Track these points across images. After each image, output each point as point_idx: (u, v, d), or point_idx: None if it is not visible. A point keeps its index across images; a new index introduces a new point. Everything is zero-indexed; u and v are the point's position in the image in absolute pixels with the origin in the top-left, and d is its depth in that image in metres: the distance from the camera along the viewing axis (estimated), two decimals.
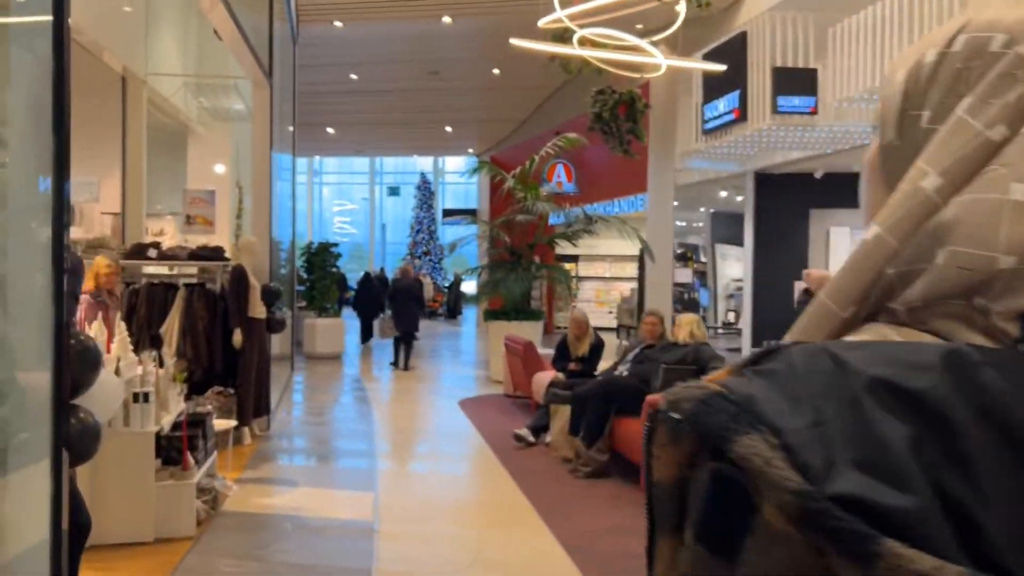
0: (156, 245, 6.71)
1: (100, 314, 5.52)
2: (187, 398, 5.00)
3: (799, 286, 12.57)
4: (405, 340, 11.96)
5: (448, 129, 20.40)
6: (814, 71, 8.35)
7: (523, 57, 16.64)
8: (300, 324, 14.09)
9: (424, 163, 37.95)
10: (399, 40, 14.66)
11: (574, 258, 20.16)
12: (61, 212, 1.94)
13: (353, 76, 16.90)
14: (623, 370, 6.42)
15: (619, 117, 8.41)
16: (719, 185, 13.93)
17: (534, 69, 17.07)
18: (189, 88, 7.72)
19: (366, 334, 16.09)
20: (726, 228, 17.93)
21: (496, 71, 16.45)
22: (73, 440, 2.19)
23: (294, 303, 11.64)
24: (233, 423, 5.31)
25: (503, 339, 10.37)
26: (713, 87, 9.43)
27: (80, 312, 5.34)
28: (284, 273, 11.50)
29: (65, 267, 2.03)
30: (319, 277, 13.89)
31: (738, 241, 18.41)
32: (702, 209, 16.52)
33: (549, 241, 10.77)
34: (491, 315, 10.70)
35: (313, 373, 11.98)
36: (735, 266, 17.72)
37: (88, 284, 5.64)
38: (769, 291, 12.73)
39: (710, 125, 9.69)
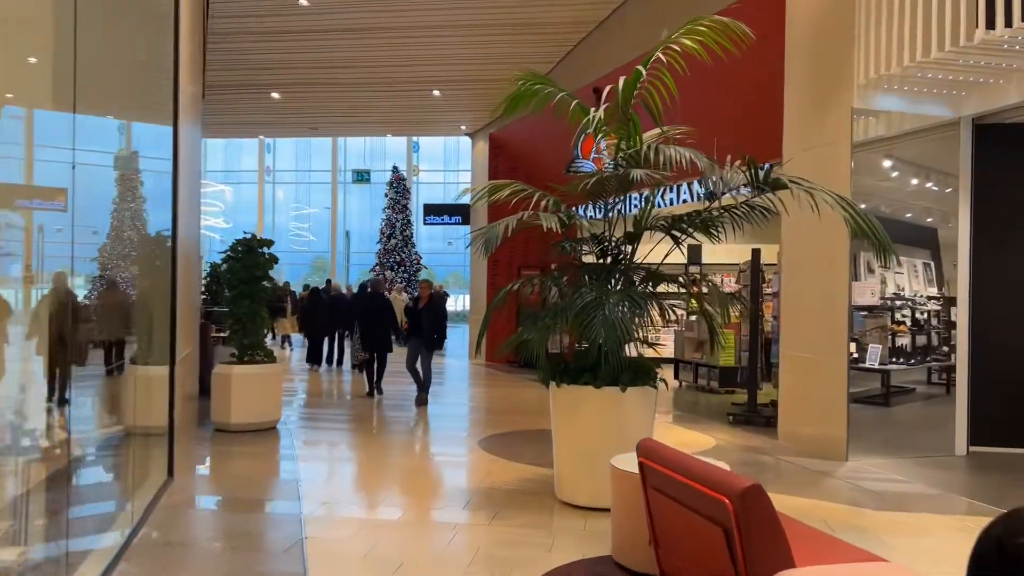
0: None
1: None
2: None
3: None
4: (379, 360, 10.88)
5: (436, 93, 15.05)
6: None
7: None
8: (207, 373, 8.61)
9: (395, 155, 32.49)
10: None
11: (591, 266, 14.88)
12: None
13: (303, 1, 11.52)
14: None
15: None
16: (888, 147, 8.75)
17: None
18: None
19: (315, 356, 14.74)
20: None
21: None
22: None
23: (174, 342, 6.18)
24: None
25: (601, 429, 5.06)
26: None
27: None
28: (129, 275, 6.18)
29: None
30: (239, 295, 8.40)
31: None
32: None
33: (706, 225, 5.37)
34: (564, 372, 5.34)
35: (212, 484, 6.55)
36: None
37: None
38: (997, 306, 7.60)
39: None
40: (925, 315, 12.55)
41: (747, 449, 7.74)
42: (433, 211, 19.07)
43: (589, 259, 6.00)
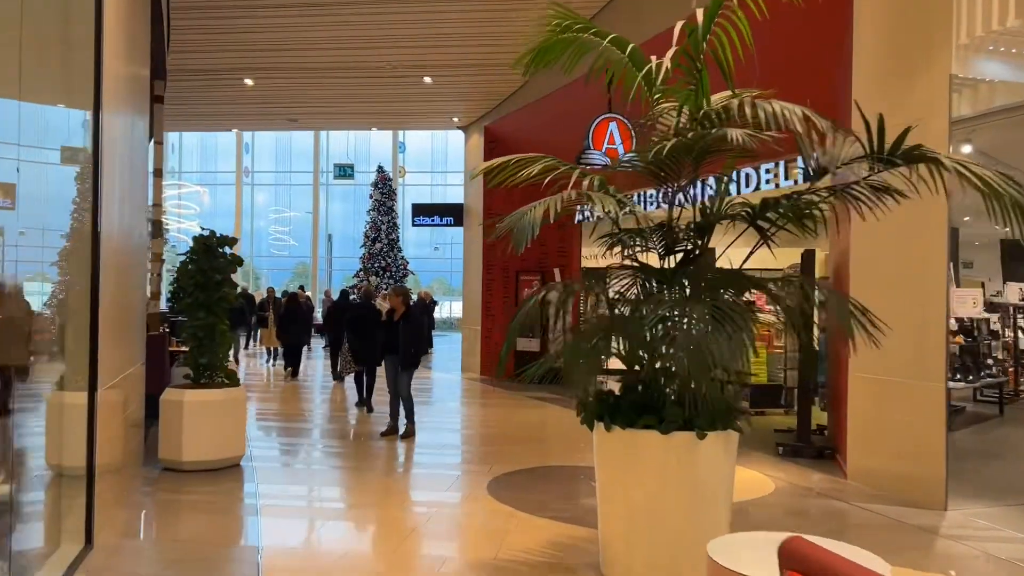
0: None
1: None
2: None
3: None
4: (368, 373, 10.39)
5: (427, 80, 13.62)
6: None
7: None
8: (153, 399, 7.09)
9: (380, 156, 30.99)
10: None
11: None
12: None
13: None
14: None
15: None
16: (968, 129, 7.44)
17: None
18: None
19: (292, 361, 14.05)
20: None
21: None
22: None
23: (95, 363, 4.69)
24: None
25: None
26: None
27: None
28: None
29: None
30: (194, 304, 6.91)
31: None
32: None
33: (801, 211, 3.97)
34: (616, 410, 3.92)
35: (144, 555, 5.07)
36: None
37: None
38: None
39: None
40: (971, 324, 11.29)
41: (812, 492, 6.36)
42: (422, 211, 17.62)
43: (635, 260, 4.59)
